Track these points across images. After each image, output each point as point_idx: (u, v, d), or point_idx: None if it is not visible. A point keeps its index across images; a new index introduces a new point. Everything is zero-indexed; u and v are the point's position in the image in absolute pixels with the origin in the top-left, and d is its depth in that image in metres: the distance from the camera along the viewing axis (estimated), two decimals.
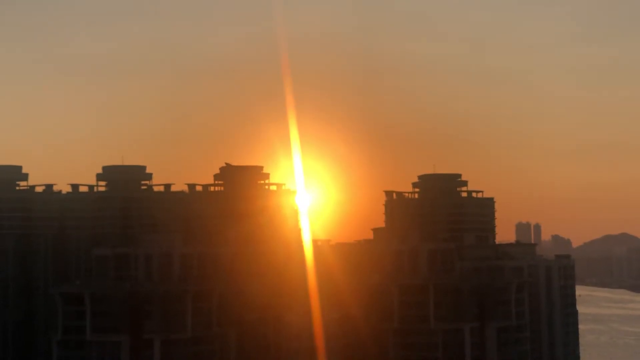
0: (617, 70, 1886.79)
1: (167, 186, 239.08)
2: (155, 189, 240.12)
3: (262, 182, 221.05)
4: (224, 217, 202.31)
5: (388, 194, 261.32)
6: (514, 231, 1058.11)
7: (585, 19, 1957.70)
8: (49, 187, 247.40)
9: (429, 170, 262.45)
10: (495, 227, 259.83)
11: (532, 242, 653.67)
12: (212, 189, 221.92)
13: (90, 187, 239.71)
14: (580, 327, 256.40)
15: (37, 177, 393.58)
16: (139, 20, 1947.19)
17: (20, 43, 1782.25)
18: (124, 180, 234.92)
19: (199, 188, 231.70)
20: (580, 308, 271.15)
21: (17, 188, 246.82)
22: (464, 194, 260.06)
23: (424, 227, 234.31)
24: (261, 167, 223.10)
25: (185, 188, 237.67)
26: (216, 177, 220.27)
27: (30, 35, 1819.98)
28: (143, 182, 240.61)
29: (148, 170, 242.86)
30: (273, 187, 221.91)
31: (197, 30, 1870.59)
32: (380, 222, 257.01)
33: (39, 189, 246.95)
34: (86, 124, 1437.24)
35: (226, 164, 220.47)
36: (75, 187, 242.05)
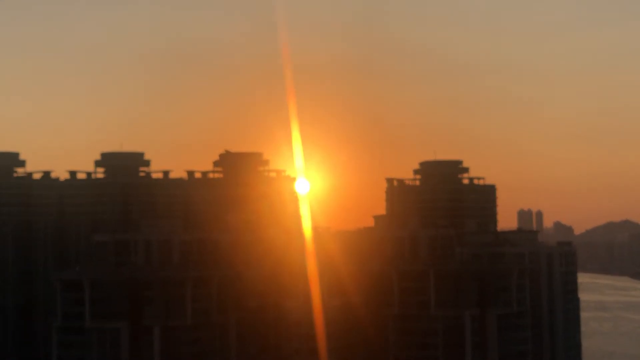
0: (620, 55, 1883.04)
1: (166, 173, 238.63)
2: (154, 175, 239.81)
3: (262, 168, 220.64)
4: (224, 204, 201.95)
5: (389, 181, 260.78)
6: (516, 218, 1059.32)
7: (586, 3, 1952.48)
8: (47, 173, 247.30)
9: (430, 157, 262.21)
10: (496, 214, 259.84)
11: (534, 229, 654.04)
12: (211, 175, 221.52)
13: (89, 173, 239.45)
14: (584, 314, 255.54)
15: (35, 163, 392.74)
16: (138, 6, 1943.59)
17: (17, 30, 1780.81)
18: (123, 167, 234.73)
19: (198, 175, 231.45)
20: (583, 295, 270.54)
21: (15, 175, 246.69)
22: (466, 181, 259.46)
23: (425, 213, 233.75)
24: (261, 154, 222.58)
25: (184, 175, 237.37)
26: (215, 163, 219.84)
27: (28, 21, 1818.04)
28: (142, 168, 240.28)
29: (146, 157, 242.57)
30: (273, 174, 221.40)
31: (197, 16, 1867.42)
32: (382, 209, 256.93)
33: (37, 176, 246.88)
34: (84, 110, 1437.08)
35: (225, 150, 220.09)
36: (73, 173, 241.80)
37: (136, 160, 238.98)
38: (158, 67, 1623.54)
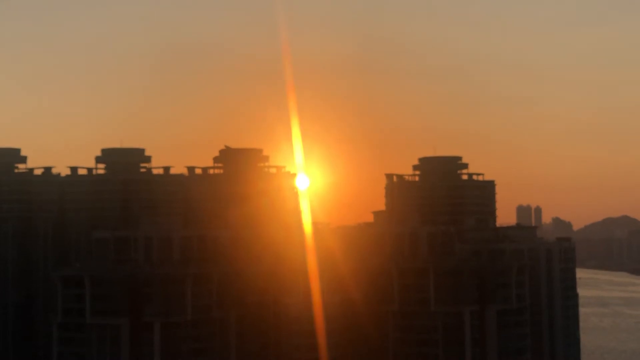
0: (618, 53, 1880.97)
1: (167, 169, 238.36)
2: (155, 171, 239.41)
3: (262, 164, 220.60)
4: (224, 200, 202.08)
5: (389, 176, 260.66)
6: (515, 214, 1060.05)
7: (585, 0, 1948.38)
8: (47, 169, 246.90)
9: (430, 153, 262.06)
10: (495, 210, 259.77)
11: (533, 225, 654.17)
12: (211, 171, 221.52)
13: (89, 169, 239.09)
14: (583, 310, 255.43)
15: (36, 159, 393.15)
16: (138, 3, 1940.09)
17: (18, 27, 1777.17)
18: (123, 163, 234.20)
19: (198, 171, 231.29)
20: (583, 291, 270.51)
21: (16, 171, 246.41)
22: (465, 177, 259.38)
23: (425, 210, 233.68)
24: (261, 150, 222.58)
25: (185, 171, 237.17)
26: (216, 159, 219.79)
27: (28, 18, 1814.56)
28: (142, 164, 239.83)
29: (147, 153, 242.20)
30: (273, 170, 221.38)
31: (197, 13, 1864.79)
32: (381, 205, 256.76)
33: (37, 172, 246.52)
34: (85, 107, 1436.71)
35: (226, 146, 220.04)
36: (74, 169, 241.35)
37: (137, 156, 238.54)
38: (159, 64, 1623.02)
